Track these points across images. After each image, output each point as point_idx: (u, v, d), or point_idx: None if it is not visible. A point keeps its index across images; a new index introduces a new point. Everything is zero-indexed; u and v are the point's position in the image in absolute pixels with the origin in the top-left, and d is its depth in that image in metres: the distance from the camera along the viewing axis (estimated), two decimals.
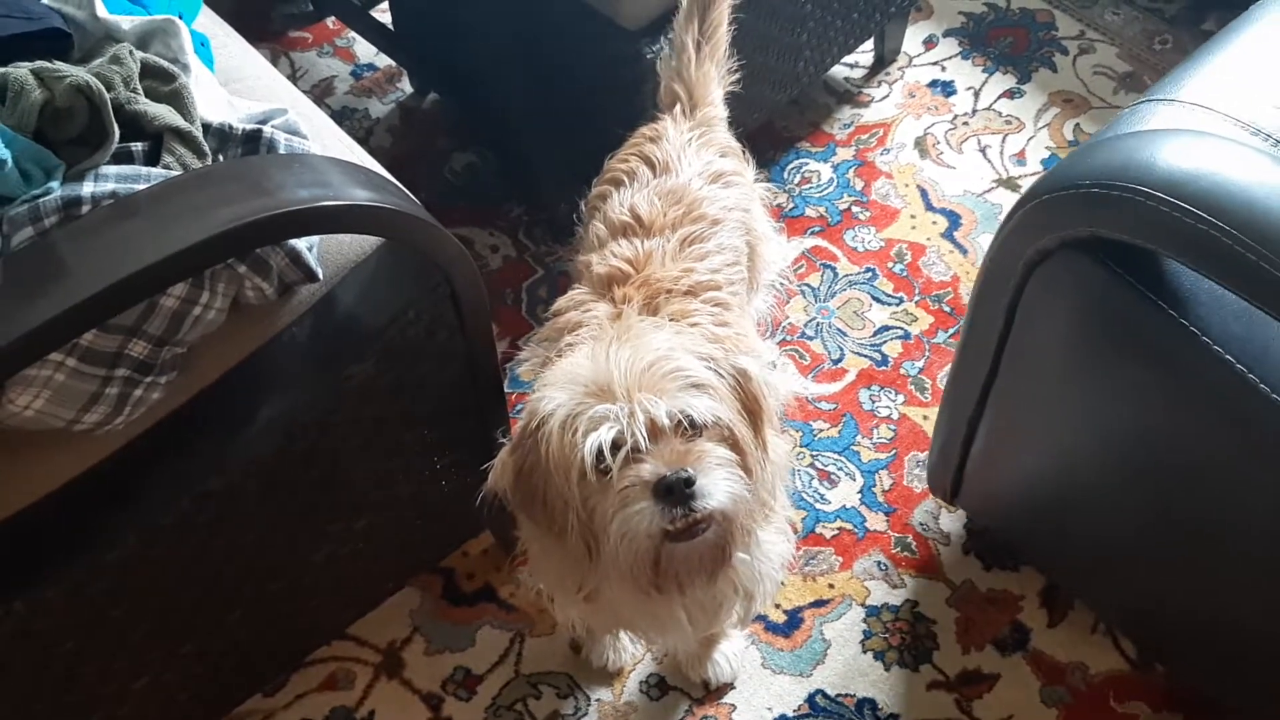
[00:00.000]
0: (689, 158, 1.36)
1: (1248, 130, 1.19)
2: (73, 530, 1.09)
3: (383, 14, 2.07)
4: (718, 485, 1.02)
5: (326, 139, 1.20)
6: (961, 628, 1.52)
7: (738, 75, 1.50)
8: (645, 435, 1.01)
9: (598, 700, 1.48)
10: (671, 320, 1.20)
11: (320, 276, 1.12)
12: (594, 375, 1.03)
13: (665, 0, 1.52)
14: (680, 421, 1.02)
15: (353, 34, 2.15)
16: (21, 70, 0.92)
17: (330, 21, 2.19)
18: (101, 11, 1.04)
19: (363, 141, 2.00)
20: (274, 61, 2.11)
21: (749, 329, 1.36)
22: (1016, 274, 1.21)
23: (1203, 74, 1.28)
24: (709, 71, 1.45)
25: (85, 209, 0.93)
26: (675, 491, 1.00)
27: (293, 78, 2.10)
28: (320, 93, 2.09)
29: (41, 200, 0.92)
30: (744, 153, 1.48)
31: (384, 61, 2.13)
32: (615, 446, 1.01)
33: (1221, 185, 1.01)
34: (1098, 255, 1.12)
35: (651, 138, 1.39)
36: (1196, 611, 1.34)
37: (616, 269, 1.27)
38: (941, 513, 1.61)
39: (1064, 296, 1.20)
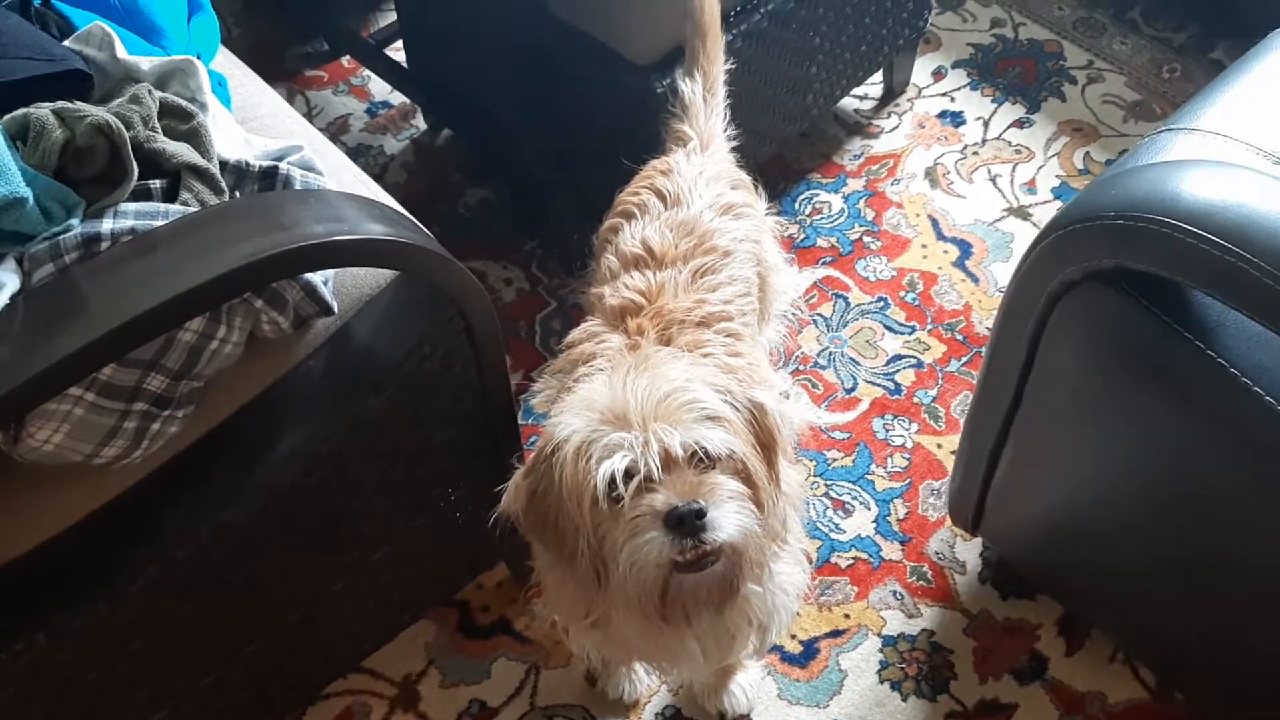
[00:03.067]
0: (700, 190, 1.38)
1: (1269, 159, 1.19)
2: (93, 563, 1.10)
3: (397, 52, 2.10)
4: (729, 518, 1.03)
5: (342, 175, 1.21)
6: (979, 657, 1.51)
7: (743, 115, 1.52)
8: (659, 465, 1.01)
9: None
10: (685, 351, 1.20)
11: (335, 310, 1.13)
12: (610, 403, 1.04)
13: (673, 36, 1.54)
14: (694, 453, 1.03)
15: (367, 72, 2.18)
16: (43, 110, 0.94)
17: (345, 60, 2.22)
18: (121, 53, 1.06)
19: (377, 178, 2.01)
20: (290, 100, 2.14)
21: (761, 359, 1.37)
22: (1040, 305, 1.21)
23: (1222, 102, 1.28)
24: (715, 123, 1.49)
25: (105, 245, 0.94)
26: (686, 523, 1.00)
27: (308, 116, 2.12)
28: (335, 130, 2.11)
29: (62, 237, 0.94)
30: (755, 185, 1.49)
31: (398, 99, 2.15)
32: (628, 475, 1.01)
33: (1248, 216, 1.01)
34: (1123, 287, 1.12)
35: (663, 171, 1.41)
36: (1217, 641, 1.33)
37: (629, 300, 1.28)
38: (957, 541, 1.61)
39: (1088, 328, 1.20)
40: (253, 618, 1.25)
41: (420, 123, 2.12)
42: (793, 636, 1.54)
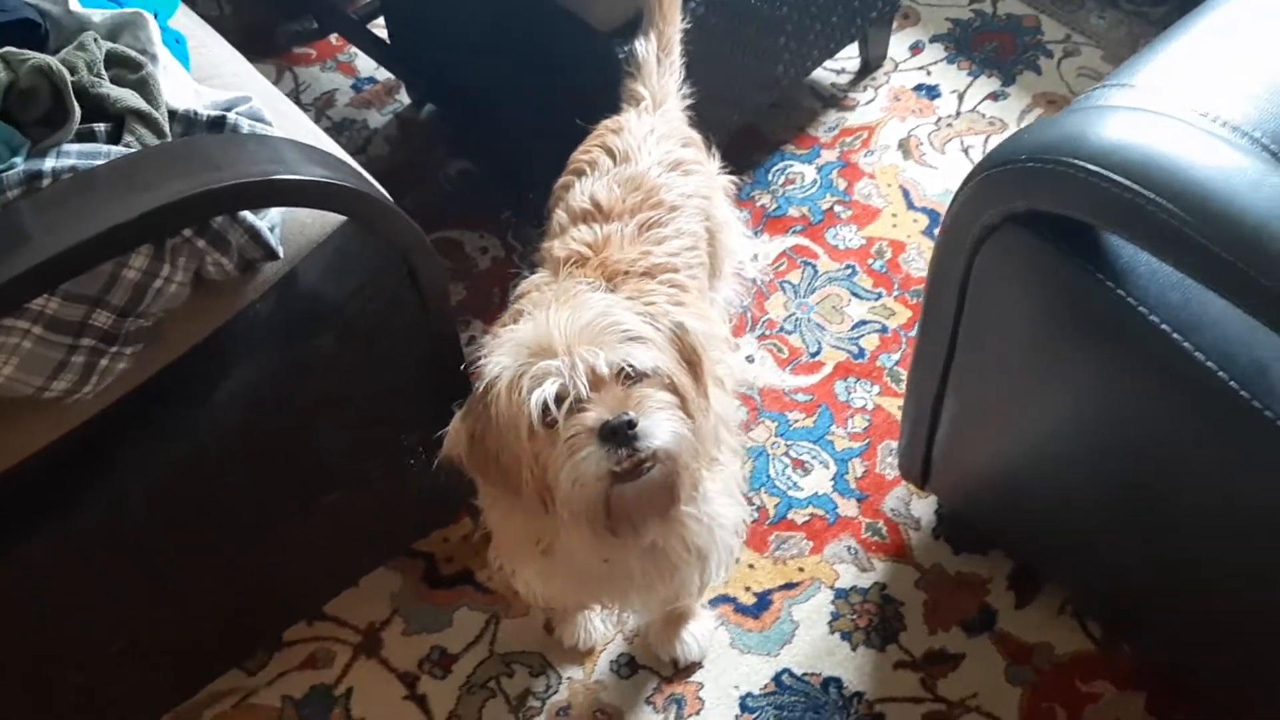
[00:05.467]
0: (649, 147, 1.41)
1: (1195, 112, 1.21)
2: (49, 496, 1.15)
3: (382, 29, 2.14)
4: (660, 425, 1.06)
5: (292, 128, 1.26)
6: (929, 609, 1.54)
7: (713, 83, 1.56)
8: (587, 385, 1.05)
9: (569, 678, 1.51)
10: (629, 299, 1.24)
11: (281, 255, 1.18)
12: (535, 337, 1.08)
13: (634, 4, 1.57)
14: (621, 370, 1.06)
15: (354, 50, 2.23)
16: None
17: (333, 38, 2.27)
18: (74, 5, 1.11)
19: (361, 151, 2.08)
20: (278, 76, 2.20)
21: (708, 311, 1.40)
22: (965, 251, 1.24)
23: (1158, 60, 1.30)
24: (669, 82, 1.52)
25: (46, 181, 0.99)
26: (619, 434, 1.04)
27: (296, 91, 2.18)
28: (322, 105, 2.16)
29: (5, 174, 0.99)
30: (708, 144, 1.53)
31: (384, 75, 2.20)
32: (560, 399, 1.05)
33: (1150, 155, 1.03)
34: (1038, 230, 1.15)
35: (614, 129, 1.44)
36: (1159, 586, 1.36)
37: (575, 252, 1.32)
38: (912, 499, 1.64)
39: (1009, 272, 1.23)
40: (211, 555, 1.30)
41: (404, 98, 2.17)
42: (746, 588, 1.57)
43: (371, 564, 1.54)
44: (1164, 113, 1.13)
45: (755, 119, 2.06)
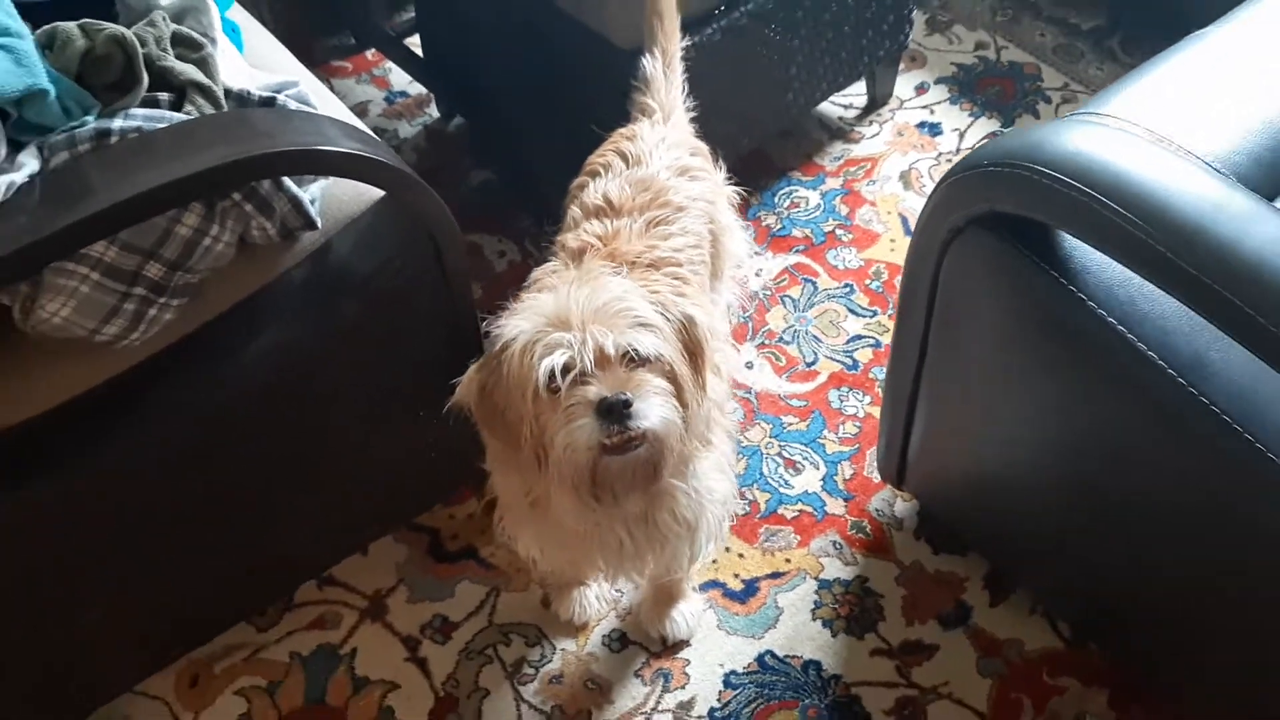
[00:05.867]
0: (659, 153, 1.52)
1: (1147, 130, 1.31)
2: (91, 434, 1.25)
3: (416, 46, 2.27)
4: (652, 409, 1.16)
5: (333, 112, 1.37)
6: (907, 603, 1.62)
7: (726, 107, 1.67)
8: (593, 362, 1.15)
9: (562, 649, 1.60)
10: (644, 287, 1.33)
11: (319, 226, 1.29)
12: (554, 308, 1.18)
13: (649, 37, 1.69)
14: (627, 353, 1.16)
15: (388, 65, 2.36)
16: (69, 24, 1.11)
17: (370, 54, 2.40)
18: None
19: None
20: None
21: (707, 305, 1.50)
22: (934, 253, 1.35)
23: (1128, 91, 1.41)
24: (675, 95, 1.63)
25: (113, 139, 1.10)
26: (614, 411, 1.13)
27: None
28: (356, 115, 2.28)
29: (77, 131, 1.10)
30: (717, 158, 1.63)
31: (416, 90, 2.33)
32: (566, 370, 1.15)
33: (1096, 161, 1.14)
34: (999, 232, 1.25)
35: (628, 136, 1.55)
36: (1122, 586, 1.43)
37: (586, 243, 1.42)
38: (897, 501, 1.72)
39: (973, 273, 1.33)
40: (231, 505, 1.39)
41: (434, 111, 2.29)
42: (735, 575, 1.66)
43: (378, 532, 1.63)
44: (1113, 127, 1.24)
45: (765, 146, 2.18)
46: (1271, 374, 1.07)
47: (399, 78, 2.36)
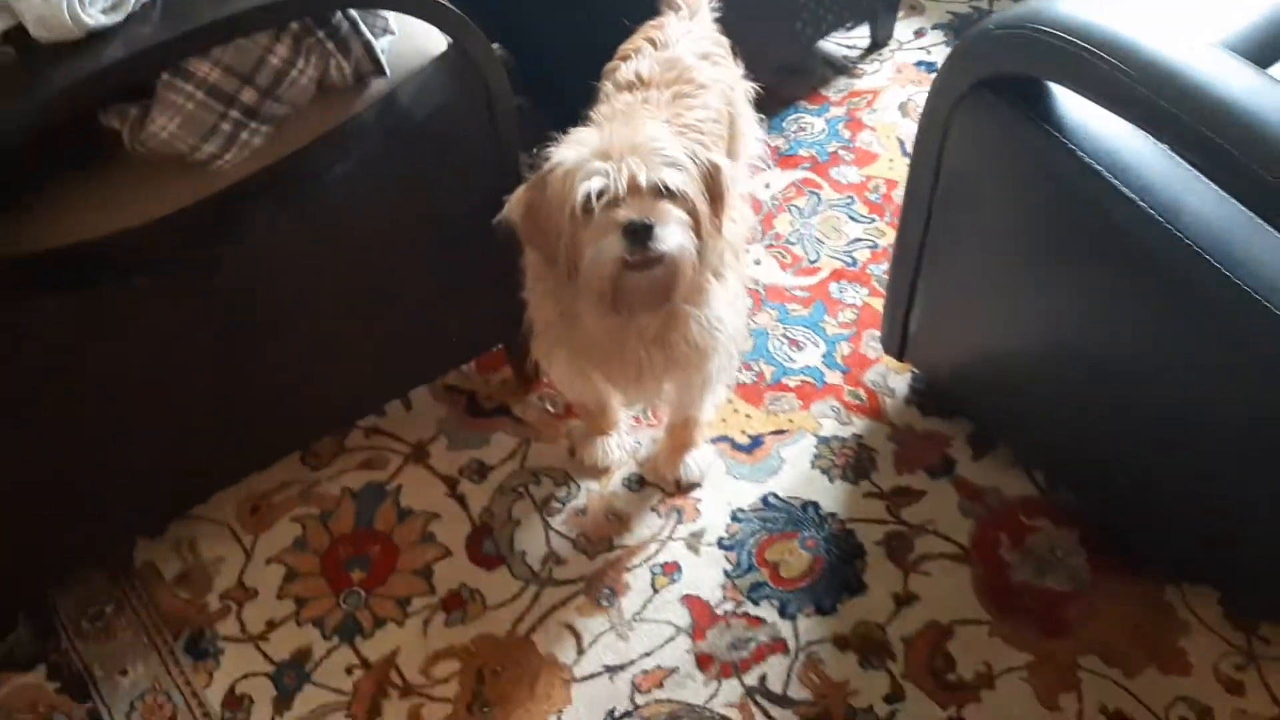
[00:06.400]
0: (685, 41, 1.71)
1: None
2: (185, 249, 1.43)
3: None
4: (671, 235, 1.34)
5: None
6: (898, 457, 1.80)
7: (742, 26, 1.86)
8: (625, 190, 1.33)
9: (587, 489, 1.77)
10: (679, 133, 1.51)
11: (388, 74, 1.47)
12: (598, 141, 1.37)
13: None
14: (656, 187, 1.35)
15: None
16: None
17: None
18: None
19: None
20: None
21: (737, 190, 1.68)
22: (941, 122, 1.52)
23: None
24: None
25: None
26: (638, 232, 1.32)
27: None
28: None
29: None
30: (735, 52, 1.82)
31: None
32: (601, 194, 1.33)
33: (1092, 21, 1.31)
34: (1004, 95, 1.43)
35: (656, 27, 1.74)
36: (1104, 436, 1.58)
37: (619, 110, 1.61)
38: (890, 374, 1.90)
39: (977, 136, 1.50)
40: (290, 342, 1.56)
41: None
42: (742, 431, 1.83)
43: (428, 375, 1.81)
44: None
45: (775, 81, 2.36)
46: (1241, 214, 1.25)
47: None
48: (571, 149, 1.38)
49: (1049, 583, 1.64)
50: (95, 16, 1.22)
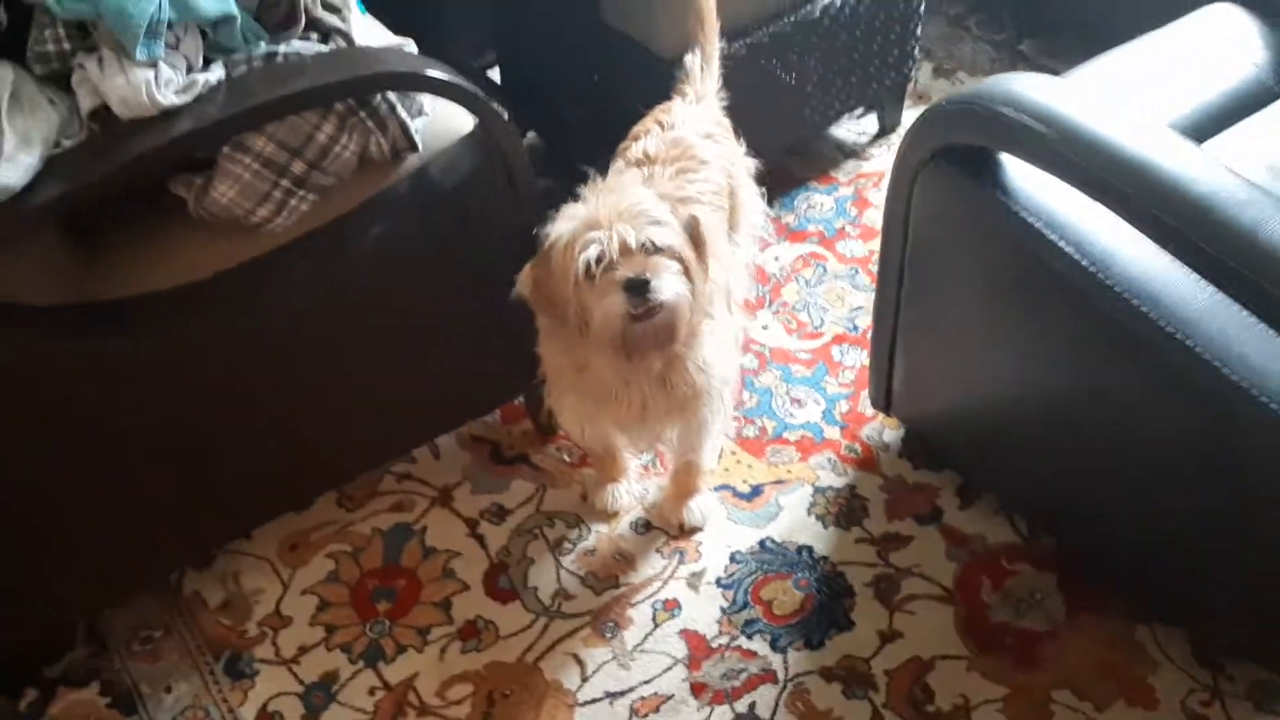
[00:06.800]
0: (690, 122, 1.89)
1: (1079, 83, 1.67)
2: (238, 298, 1.61)
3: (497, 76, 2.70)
4: (667, 284, 1.51)
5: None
6: (889, 506, 1.92)
7: (752, 111, 2.05)
8: (618, 252, 1.50)
9: (597, 531, 1.91)
10: (661, 195, 1.68)
11: (420, 149, 1.66)
12: (588, 213, 1.54)
13: (688, 39, 2.08)
14: (645, 245, 1.52)
15: None
16: None
17: None
18: None
19: None
20: None
21: (723, 245, 1.84)
22: (905, 188, 1.69)
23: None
24: (709, 84, 2.00)
25: (278, 59, 1.50)
26: (638, 287, 1.49)
27: None
28: None
29: (253, 51, 1.50)
30: (739, 135, 2.00)
31: None
32: (599, 260, 1.50)
33: (1035, 99, 1.49)
34: (957, 165, 1.60)
35: (665, 110, 1.93)
36: (1077, 489, 1.70)
37: (663, 195, 1.79)
38: (885, 430, 2.04)
39: (936, 200, 1.66)
40: (335, 377, 1.73)
41: None
42: (744, 481, 1.97)
43: (452, 425, 1.97)
44: (1043, 78, 1.59)
45: (787, 163, 2.55)
46: (1168, 262, 1.39)
47: None
48: (566, 224, 1.54)
49: (1027, 622, 1.75)
50: (169, 97, 1.42)
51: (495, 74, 2.69)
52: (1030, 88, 1.52)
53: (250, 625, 1.80)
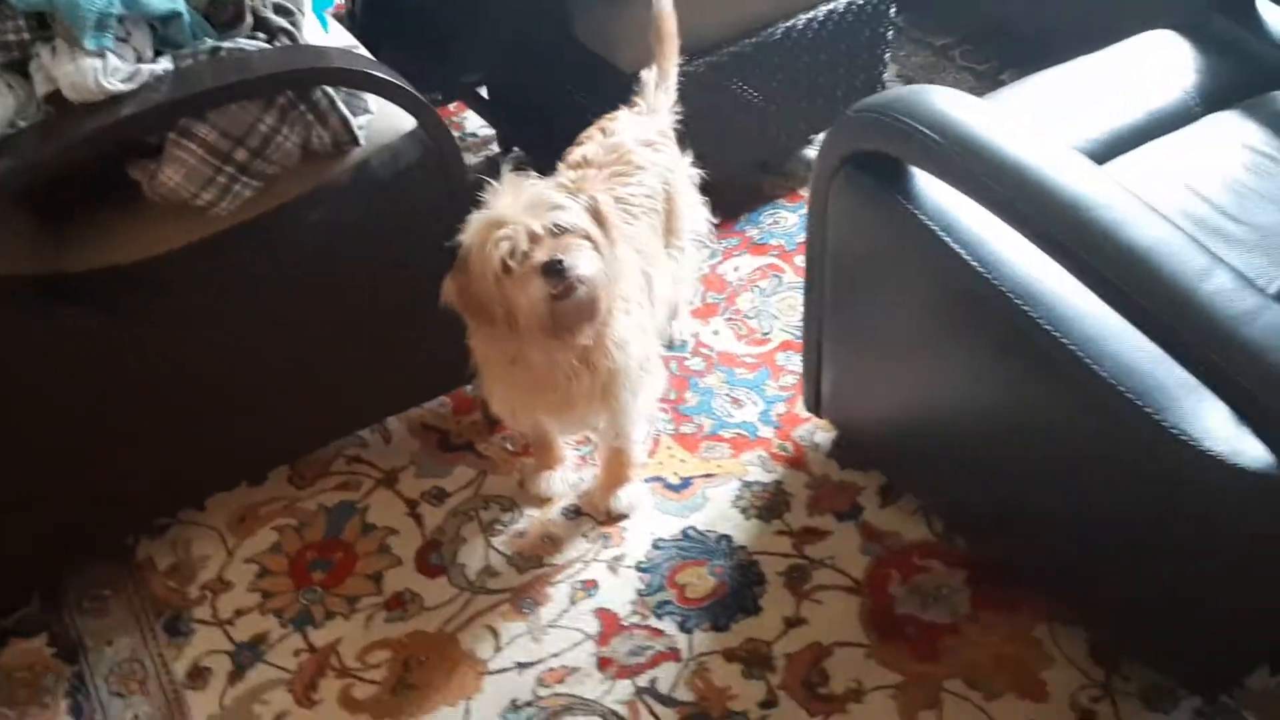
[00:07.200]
0: (630, 129, 1.99)
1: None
2: (182, 277, 1.74)
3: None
4: (580, 260, 1.60)
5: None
6: (811, 502, 1.98)
7: (714, 129, 2.15)
8: (528, 242, 1.60)
9: (529, 515, 2.00)
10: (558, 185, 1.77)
11: (362, 144, 1.79)
12: (491, 214, 1.63)
13: (650, 53, 2.18)
14: (551, 229, 1.61)
15: (466, 114, 2.92)
16: None
17: (452, 106, 2.97)
18: None
19: None
20: None
21: (651, 244, 1.93)
22: (821, 196, 1.77)
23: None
24: (663, 100, 2.09)
25: (222, 54, 1.63)
26: (554, 269, 1.58)
27: None
28: None
29: (199, 46, 1.63)
30: (681, 143, 2.10)
31: (485, 132, 2.88)
32: (512, 253, 1.60)
33: (923, 106, 1.57)
34: (863, 169, 1.67)
35: (610, 119, 2.03)
36: (992, 497, 1.75)
37: (561, 185, 1.89)
38: (818, 432, 2.10)
39: (849, 206, 1.73)
40: (270, 363, 1.85)
41: (495, 147, 2.83)
42: (674, 474, 2.04)
43: (387, 410, 2.08)
44: (947, 91, 1.66)
45: (759, 180, 2.64)
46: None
47: (473, 123, 2.92)
48: (473, 230, 1.63)
49: (930, 616, 1.80)
50: (115, 84, 1.56)
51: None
52: (932, 99, 1.59)
53: (193, 588, 1.91)
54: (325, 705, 1.75)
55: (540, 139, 2.65)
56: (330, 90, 1.72)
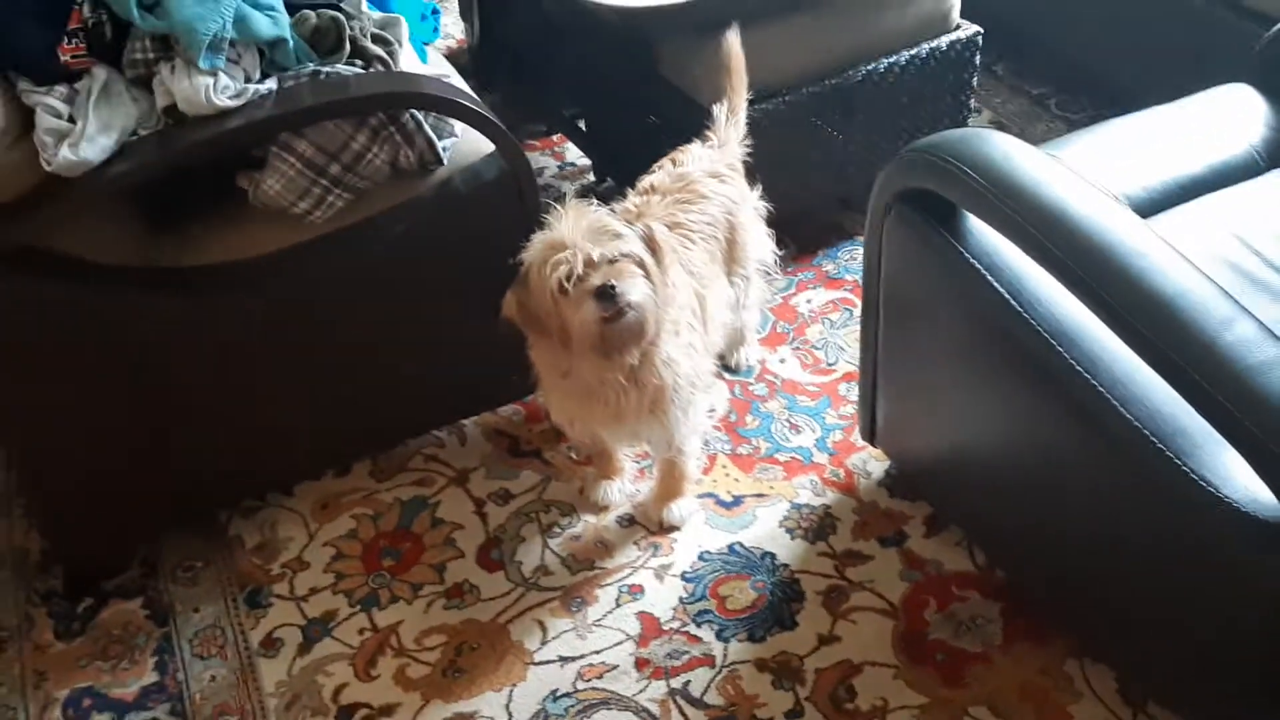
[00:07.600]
0: (700, 161, 2.10)
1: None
2: (283, 277, 1.91)
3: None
4: (631, 287, 1.71)
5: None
6: (857, 527, 2.04)
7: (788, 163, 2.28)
8: (583, 266, 1.71)
9: (586, 521, 2.11)
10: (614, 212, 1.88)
11: (445, 164, 1.94)
12: (554, 237, 1.75)
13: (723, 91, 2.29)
14: (607, 256, 1.73)
15: (567, 145, 3.08)
16: (308, 10, 1.83)
17: (555, 137, 3.13)
18: (363, 5, 1.95)
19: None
20: None
21: (706, 268, 2.02)
22: (877, 231, 1.85)
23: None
24: (732, 133, 2.19)
25: (322, 77, 1.80)
26: (606, 294, 1.70)
27: None
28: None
29: (302, 70, 1.81)
30: (751, 177, 2.19)
31: (582, 162, 3.02)
32: (569, 276, 1.72)
33: (976, 152, 1.63)
34: (917, 208, 1.74)
35: (681, 150, 2.14)
36: (1034, 534, 1.78)
37: (628, 208, 2.01)
38: (871, 460, 2.16)
39: (902, 243, 1.81)
40: (354, 359, 2.00)
41: (591, 176, 2.97)
42: (728, 491, 2.13)
43: (469, 411, 2.22)
44: (1000, 137, 1.72)
45: (841, 217, 2.72)
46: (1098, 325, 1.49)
47: (572, 153, 3.07)
48: (536, 250, 1.75)
49: (962, 643, 1.84)
50: (223, 100, 1.73)
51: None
52: (981, 143, 1.65)
53: (275, 566, 2.07)
54: (382, 681, 1.87)
55: (629, 169, 2.78)
56: (418, 114, 1.88)
